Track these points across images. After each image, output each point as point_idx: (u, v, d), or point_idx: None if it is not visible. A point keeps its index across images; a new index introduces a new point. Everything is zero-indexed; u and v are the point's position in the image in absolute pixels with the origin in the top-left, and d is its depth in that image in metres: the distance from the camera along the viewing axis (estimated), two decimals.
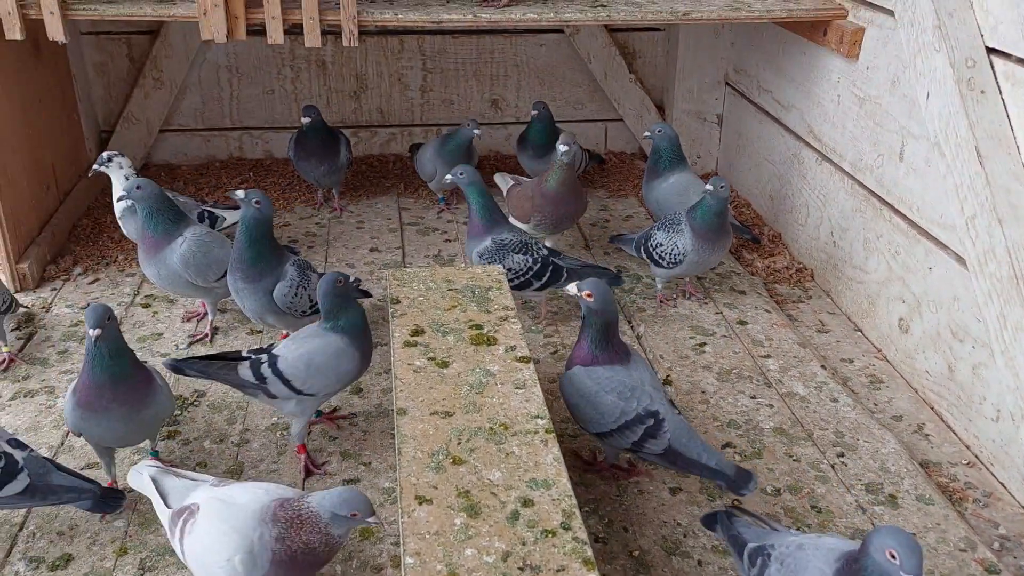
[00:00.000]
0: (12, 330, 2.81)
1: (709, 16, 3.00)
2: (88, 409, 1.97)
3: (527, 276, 2.77)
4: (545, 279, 2.79)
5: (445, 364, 2.06)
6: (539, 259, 2.79)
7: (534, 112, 3.63)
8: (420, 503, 1.63)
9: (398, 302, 2.34)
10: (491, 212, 2.83)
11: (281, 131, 4.18)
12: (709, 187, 2.83)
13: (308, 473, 2.23)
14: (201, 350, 2.75)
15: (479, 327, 2.22)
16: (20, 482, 1.86)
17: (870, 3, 2.86)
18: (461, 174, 2.84)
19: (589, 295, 2.13)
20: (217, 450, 2.30)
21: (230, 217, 3.08)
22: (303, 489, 2.15)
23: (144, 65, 3.90)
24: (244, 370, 2.16)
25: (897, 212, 2.76)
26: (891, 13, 2.70)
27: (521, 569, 1.48)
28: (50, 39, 2.73)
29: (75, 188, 3.60)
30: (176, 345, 2.77)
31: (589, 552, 1.51)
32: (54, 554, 1.95)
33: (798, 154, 3.43)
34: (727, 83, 4.11)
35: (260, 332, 2.86)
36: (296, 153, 3.62)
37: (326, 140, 3.58)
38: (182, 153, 4.16)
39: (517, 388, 1.98)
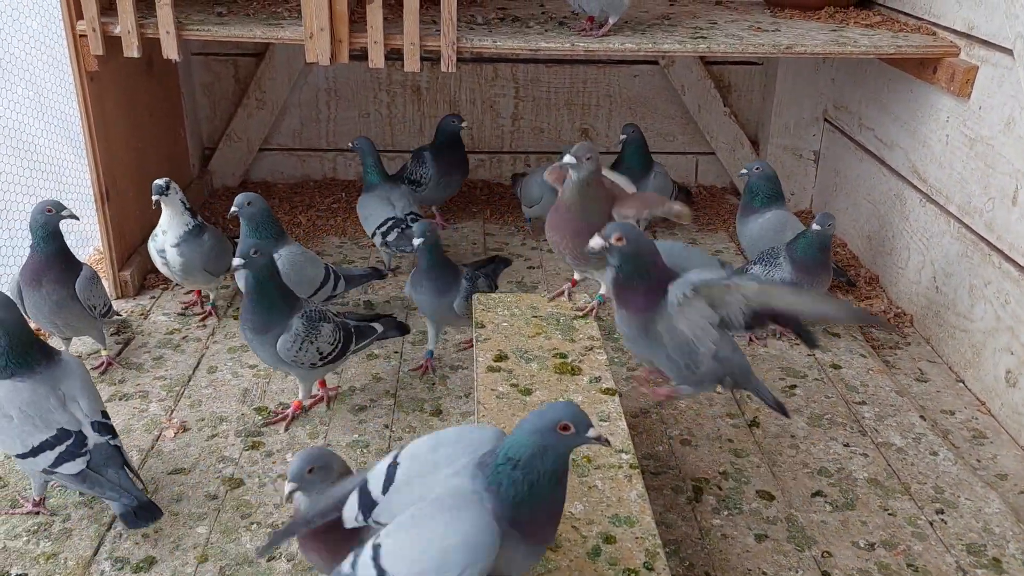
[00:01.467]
0: (111, 335, 2.92)
1: (813, 50, 2.92)
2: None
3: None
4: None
5: (528, 392, 2.04)
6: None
7: (623, 136, 3.59)
8: None
9: (483, 327, 2.33)
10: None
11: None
12: (816, 225, 2.74)
13: None
14: None
15: (563, 356, 2.19)
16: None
17: (986, 41, 2.74)
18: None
19: (620, 239, 1.88)
20: None
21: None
22: None
23: (249, 86, 4.04)
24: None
25: (1008, 259, 2.62)
26: (1009, 52, 2.58)
27: None
28: (165, 57, 2.85)
29: None
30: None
31: None
32: (138, 556, 1.99)
33: (900, 194, 3.30)
34: (825, 119, 4.00)
35: None
36: (439, 168, 3.65)
37: (462, 154, 3.72)
38: (278, 171, 4.28)
39: (602, 421, 1.93)
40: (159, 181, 2.79)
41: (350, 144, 3.42)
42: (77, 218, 2.60)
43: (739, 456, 2.41)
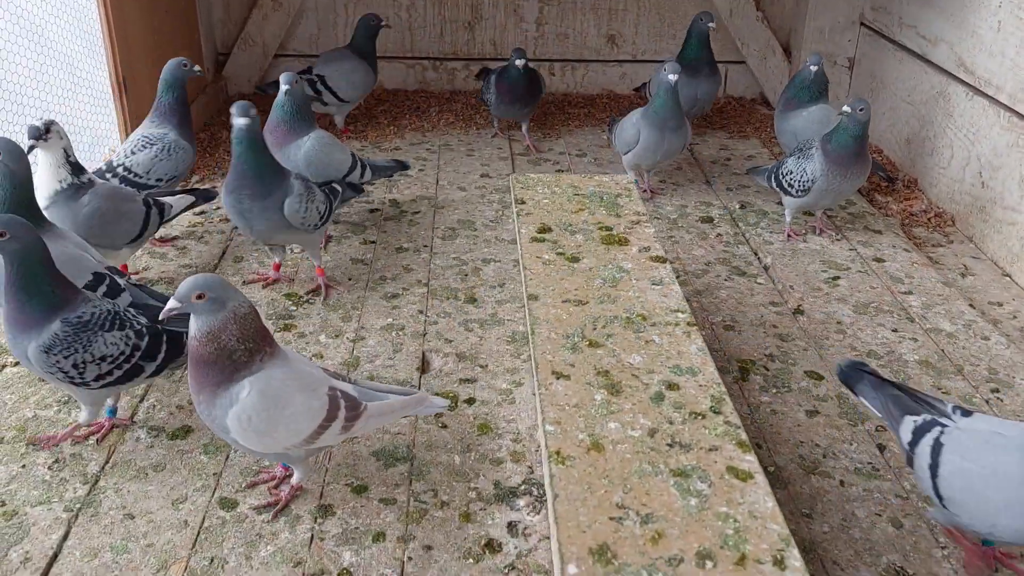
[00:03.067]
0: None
1: None
2: None
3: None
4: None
5: (575, 259, 1.96)
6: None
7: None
8: (558, 377, 1.53)
9: (523, 203, 2.24)
10: None
11: (393, 60, 4.14)
12: (847, 108, 2.63)
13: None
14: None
15: (609, 228, 2.11)
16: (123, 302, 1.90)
17: None
18: None
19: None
20: (333, 344, 2.26)
21: (176, 205, 2.50)
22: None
23: None
24: None
25: None
26: None
27: (670, 446, 1.37)
28: None
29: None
30: (291, 248, 2.75)
31: (743, 435, 1.39)
32: (174, 425, 1.93)
33: (944, 91, 3.18)
34: (862, 23, 3.86)
35: (374, 242, 2.81)
36: (500, 95, 3.48)
37: (532, 79, 3.50)
38: None
39: (654, 284, 1.86)
40: (35, 123, 2.16)
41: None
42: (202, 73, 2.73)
43: (784, 340, 2.34)
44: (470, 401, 2.04)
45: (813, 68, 3.03)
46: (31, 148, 2.13)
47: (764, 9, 4.04)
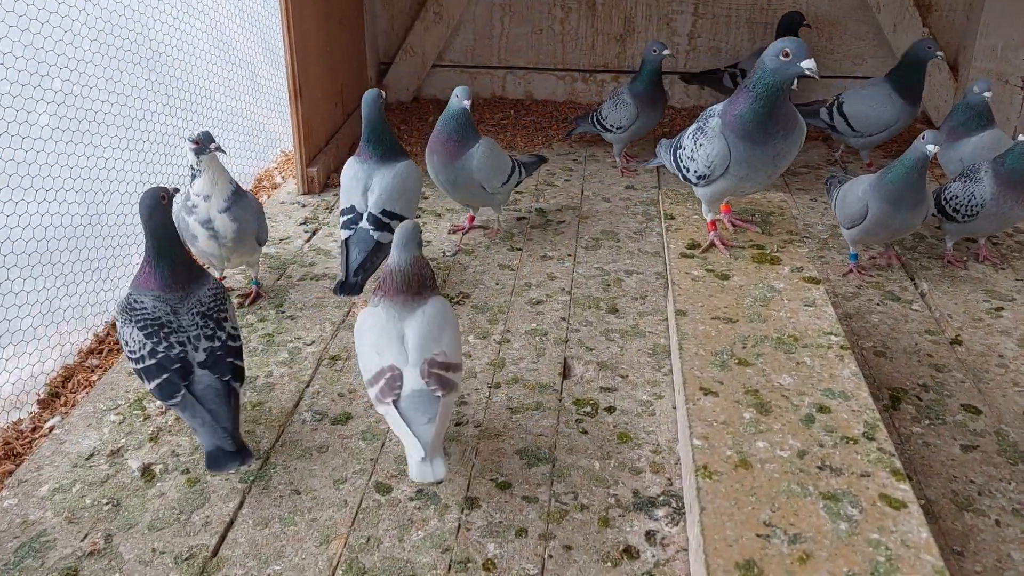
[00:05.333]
0: (300, 224, 3.06)
1: None
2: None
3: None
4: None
5: (725, 277, 1.97)
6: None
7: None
8: (705, 394, 1.56)
9: (672, 218, 2.27)
10: None
11: (544, 72, 4.24)
12: None
13: None
14: (466, 258, 2.84)
15: (761, 247, 2.10)
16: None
17: None
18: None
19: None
20: (480, 344, 2.36)
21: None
22: None
23: (427, 1, 4.08)
24: None
25: None
26: None
27: (820, 468, 1.37)
28: None
29: (357, 110, 3.85)
30: (443, 252, 2.88)
31: (898, 464, 1.37)
32: (335, 411, 2.08)
33: None
34: None
35: (520, 249, 2.91)
36: (640, 102, 3.36)
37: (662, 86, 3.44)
38: (449, 88, 4.30)
39: (806, 305, 1.85)
40: (199, 132, 2.30)
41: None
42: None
43: (939, 371, 2.25)
44: (610, 410, 2.08)
45: (985, 94, 2.89)
46: (199, 160, 2.33)
47: (930, 24, 3.88)
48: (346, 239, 2.53)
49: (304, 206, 3.22)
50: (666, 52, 3.27)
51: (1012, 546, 1.69)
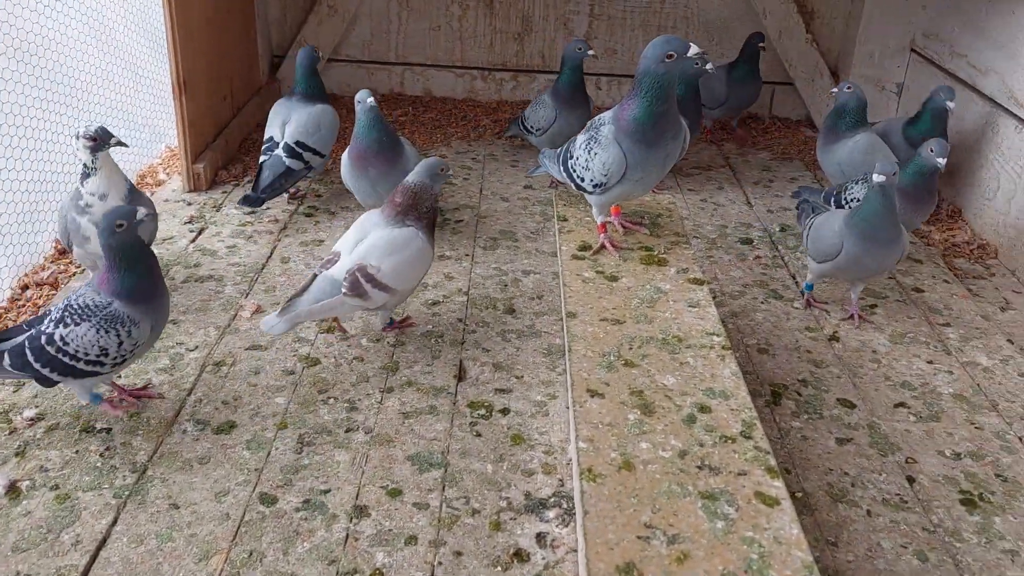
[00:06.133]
0: (185, 223, 2.94)
1: None
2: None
3: None
4: None
5: (614, 278, 2.00)
6: None
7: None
8: (592, 395, 1.57)
9: (565, 220, 2.29)
10: None
11: (443, 69, 4.21)
12: (937, 157, 2.53)
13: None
14: None
15: (649, 249, 2.14)
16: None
17: None
18: None
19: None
20: (374, 348, 2.32)
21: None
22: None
23: None
24: None
25: None
26: None
27: (699, 468, 1.40)
28: None
29: (248, 104, 3.74)
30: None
31: (772, 461, 1.42)
32: (219, 419, 2.01)
33: (993, 122, 3.16)
34: (912, 49, 3.84)
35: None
36: (559, 108, 3.26)
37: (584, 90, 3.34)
38: (346, 84, 4.25)
39: (691, 306, 1.89)
40: (91, 127, 2.20)
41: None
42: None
43: (818, 366, 2.35)
44: (504, 411, 2.08)
45: (834, 91, 3.05)
46: (99, 148, 2.22)
47: (814, 31, 4.04)
48: (261, 162, 2.95)
49: (190, 204, 3.09)
50: (590, 52, 3.16)
51: (882, 535, 1.77)
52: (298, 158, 2.94)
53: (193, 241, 2.85)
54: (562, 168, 2.20)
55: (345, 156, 2.77)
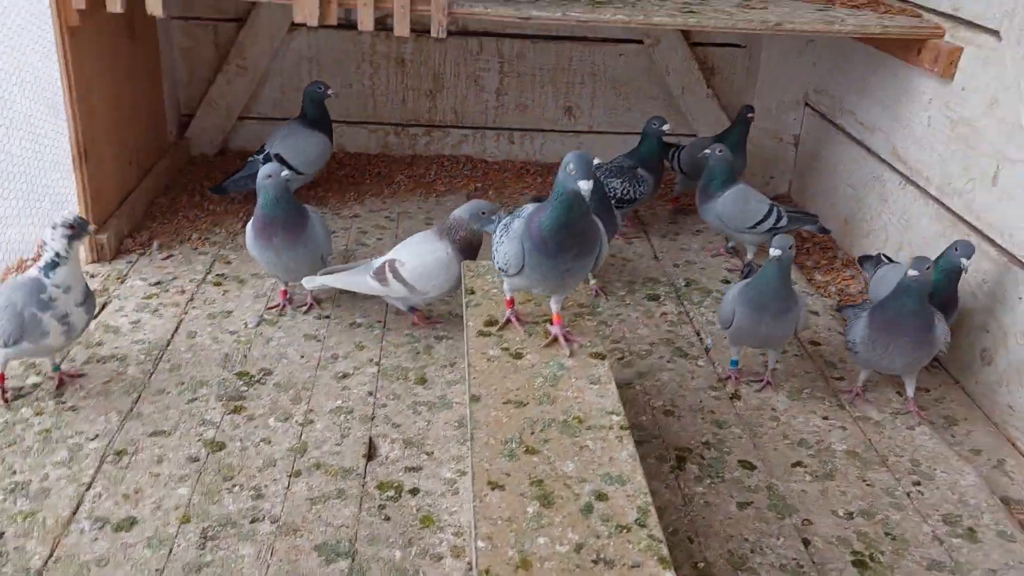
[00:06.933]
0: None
1: (801, 27, 2.95)
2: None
3: None
4: None
5: (519, 355, 2.03)
6: None
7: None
8: (493, 488, 1.60)
9: (472, 292, 2.32)
10: None
11: (355, 125, 4.22)
12: (914, 271, 2.31)
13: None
14: (269, 328, 2.77)
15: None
16: None
17: (971, 22, 2.78)
18: None
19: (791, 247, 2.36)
20: (281, 428, 2.30)
21: None
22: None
23: (229, 52, 3.97)
24: None
25: (987, 238, 2.66)
26: (994, 33, 2.62)
27: (595, 562, 1.44)
28: (149, 13, 2.80)
29: (155, 167, 3.68)
30: (245, 323, 2.79)
31: (665, 551, 1.46)
32: (119, 515, 1.96)
33: (880, 177, 3.35)
34: (806, 103, 4.04)
35: (328, 317, 2.87)
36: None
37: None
38: (257, 140, 4.19)
39: (592, 383, 1.94)
40: (69, 215, 2.19)
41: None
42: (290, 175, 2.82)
43: (721, 427, 2.43)
44: (414, 492, 2.09)
45: (705, 153, 3.19)
46: (76, 237, 2.19)
47: (714, 87, 4.21)
48: (246, 161, 3.53)
49: (93, 276, 3.02)
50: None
51: None
52: None
53: (95, 317, 2.78)
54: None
55: (249, 227, 2.75)
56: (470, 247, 2.67)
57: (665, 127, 3.44)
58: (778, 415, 2.50)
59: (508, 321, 2.15)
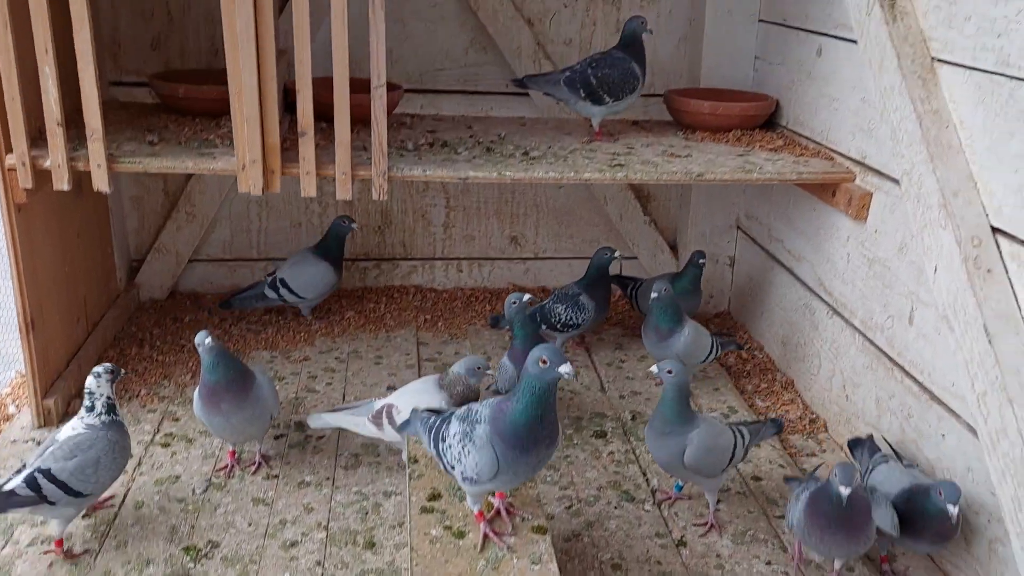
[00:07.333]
0: None
1: (721, 178, 3.12)
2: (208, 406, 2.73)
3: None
4: None
5: (461, 535, 2.08)
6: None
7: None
8: None
9: (416, 461, 2.37)
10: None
11: None
12: (843, 488, 2.22)
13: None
14: (217, 493, 2.77)
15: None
16: None
17: (877, 170, 2.98)
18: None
19: (670, 371, 2.55)
20: None
21: None
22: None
23: (179, 200, 4.06)
24: None
25: (908, 375, 2.80)
26: (897, 182, 2.81)
27: None
28: (95, 190, 2.87)
29: (104, 318, 3.70)
30: (193, 489, 2.79)
31: None
32: None
33: (809, 304, 3.50)
34: (739, 227, 4.23)
35: (276, 476, 2.88)
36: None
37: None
38: (208, 282, 4.28)
39: (533, 563, 1.98)
40: (109, 365, 2.52)
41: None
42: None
43: None
44: None
45: (654, 297, 3.28)
46: (115, 379, 2.53)
47: (651, 213, 4.39)
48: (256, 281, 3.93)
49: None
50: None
51: None
52: (275, 290, 3.81)
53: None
54: (432, 447, 2.17)
55: (196, 394, 2.78)
56: (465, 401, 2.75)
57: (616, 254, 3.66)
58: (723, 562, 2.55)
59: (486, 537, 2.07)
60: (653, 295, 3.31)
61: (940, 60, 2.59)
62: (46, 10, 2.62)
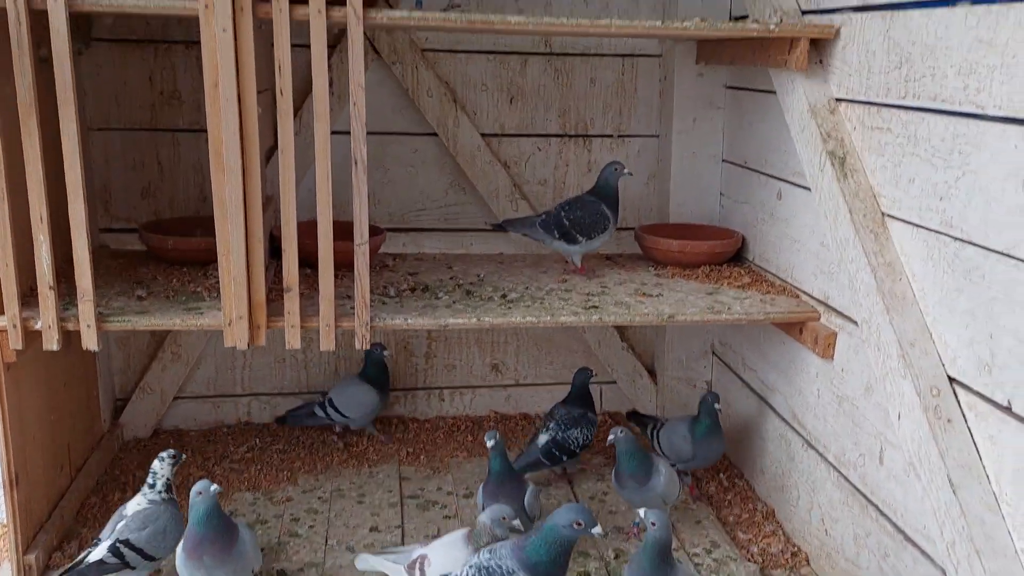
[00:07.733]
0: None
1: (692, 319, 3.25)
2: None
3: None
4: None
5: None
6: None
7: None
8: None
9: None
10: None
11: (288, 396, 4.36)
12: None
13: None
14: None
15: None
16: None
17: (839, 312, 3.11)
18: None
19: (654, 523, 2.57)
20: None
21: None
22: None
23: (165, 340, 4.13)
24: None
25: (883, 514, 2.86)
26: (859, 325, 2.94)
27: None
28: (84, 349, 2.95)
29: (87, 463, 3.72)
30: None
31: None
32: None
33: (785, 436, 3.58)
34: (714, 353, 4.34)
35: None
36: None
37: None
38: (192, 419, 4.31)
39: None
40: (172, 451, 3.05)
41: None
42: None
43: None
44: None
45: (621, 434, 3.30)
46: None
47: (628, 339, 4.51)
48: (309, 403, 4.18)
49: None
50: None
51: None
52: (324, 410, 4.05)
53: None
54: None
55: (179, 549, 2.79)
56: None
57: (593, 375, 3.88)
58: None
59: None
60: (611, 438, 3.30)
61: (890, 216, 2.76)
62: (42, 183, 2.74)
